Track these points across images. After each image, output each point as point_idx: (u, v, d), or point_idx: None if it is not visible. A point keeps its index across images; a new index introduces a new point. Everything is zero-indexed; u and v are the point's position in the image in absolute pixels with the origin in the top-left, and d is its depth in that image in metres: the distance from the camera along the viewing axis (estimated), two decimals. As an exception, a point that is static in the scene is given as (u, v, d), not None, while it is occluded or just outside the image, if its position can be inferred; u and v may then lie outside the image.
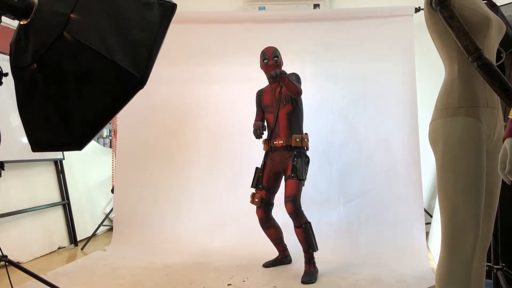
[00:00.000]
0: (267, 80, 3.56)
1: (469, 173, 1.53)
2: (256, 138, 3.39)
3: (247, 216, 3.83)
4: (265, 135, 3.53)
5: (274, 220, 3.57)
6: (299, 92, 3.34)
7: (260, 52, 3.47)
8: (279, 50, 3.46)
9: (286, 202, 3.32)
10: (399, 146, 4.04)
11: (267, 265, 3.57)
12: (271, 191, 3.53)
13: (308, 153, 3.47)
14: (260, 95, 3.63)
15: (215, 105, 4.34)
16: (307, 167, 3.44)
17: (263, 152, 3.58)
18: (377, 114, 4.13)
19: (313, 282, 3.20)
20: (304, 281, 3.21)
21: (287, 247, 3.67)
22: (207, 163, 4.34)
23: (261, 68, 3.52)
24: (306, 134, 3.50)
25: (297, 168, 3.35)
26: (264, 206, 3.48)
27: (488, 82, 1.46)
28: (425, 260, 3.62)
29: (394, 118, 4.09)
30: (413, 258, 3.62)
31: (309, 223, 3.33)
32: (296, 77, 3.45)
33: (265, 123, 3.58)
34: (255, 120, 3.63)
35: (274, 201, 3.55)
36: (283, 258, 3.64)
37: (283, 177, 3.51)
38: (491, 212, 1.71)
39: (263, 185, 3.51)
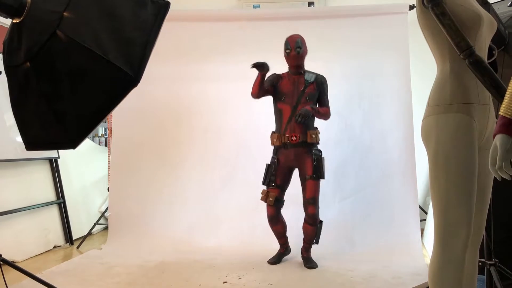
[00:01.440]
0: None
1: (461, 170, 1.54)
2: (257, 67, 3.30)
3: (243, 214, 3.84)
4: (272, 127, 3.53)
5: (282, 215, 3.56)
6: (328, 117, 3.52)
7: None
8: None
9: (308, 204, 3.40)
10: (394, 143, 4.06)
11: (273, 262, 3.55)
12: (284, 188, 3.51)
13: (321, 152, 3.51)
14: (277, 79, 3.51)
15: (209, 103, 4.34)
16: (324, 164, 3.49)
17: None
18: (372, 112, 4.15)
19: (316, 267, 3.41)
20: (310, 266, 3.41)
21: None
22: (202, 161, 4.34)
23: (284, 56, 3.51)
24: (317, 128, 3.51)
25: (318, 168, 3.39)
26: (276, 204, 3.47)
27: (480, 79, 1.47)
28: (420, 256, 3.64)
29: (389, 115, 4.11)
30: (408, 255, 3.64)
31: (322, 221, 3.46)
32: (327, 86, 3.54)
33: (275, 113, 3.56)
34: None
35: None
36: (285, 251, 3.66)
37: (299, 174, 3.49)
38: (483, 208, 1.72)
39: (277, 183, 3.47)
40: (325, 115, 3.51)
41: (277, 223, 3.52)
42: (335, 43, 4.23)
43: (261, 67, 3.31)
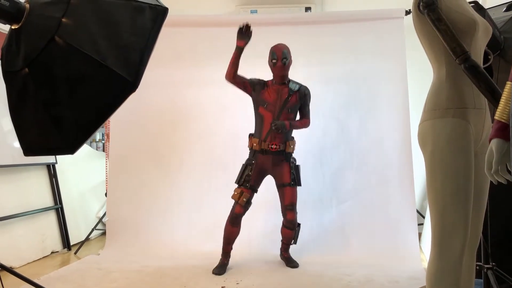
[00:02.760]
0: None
1: (458, 174, 1.55)
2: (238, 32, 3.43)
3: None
4: (251, 130, 3.61)
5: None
6: (307, 126, 3.59)
7: (265, 51, 3.51)
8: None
9: (287, 210, 3.48)
10: (391, 147, 4.07)
11: (219, 272, 3.44)
12: (256, 190, 3.57)
13: (299, 155, 3.57)
14: (262, 85, 3.55)
15: (207, 108, 4.34)
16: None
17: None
18: (369, 116, 4.16)
19: (297, 266, 3.57)
20: (293, 265, 3.57)
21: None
22: (200, 166, 4.34)
23: (268, 65, 3.53)
24: (293, 138, 3.60)
25: (296, 176, 3.52)
26: (245, 205, 3.51)
27: (475, 83, 1.48)
28: (418, 260, 3.65)
29: (386, 120, 4.12)
30: (406, 259, 3.65)
31: (300, 224, 3.58)
32: (309, 98, 3.60)
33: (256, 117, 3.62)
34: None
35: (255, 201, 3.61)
36: (227, 261, 3.59)
37: (275, 181, 3.58)
38: (479, 212, 1.73)
39: (251, 184, 3.52)
40: (304, 126, 3.61)
41: (237, 225, 3.52)
42: (332, 48, 4.25)
43: (241, 34, 3.41)
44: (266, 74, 3.57)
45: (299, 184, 3.54)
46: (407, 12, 4.07)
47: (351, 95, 4.21)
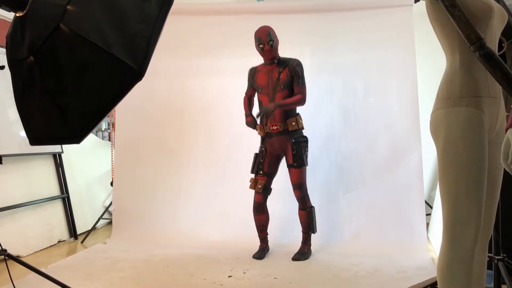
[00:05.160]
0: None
1: (471, 164, 1.52)
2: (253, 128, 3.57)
3: (247, 207, 3.82)
4: (241, 123, 3.63)
5: (267, 206, 3.62)
6: (302, 103, 3.47)
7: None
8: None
9: (294, 188, 3.49)
10: (400, 137, 4.03)
11: (260, 257, 3.55)
12: (272, 176, 3.58)
13: (306, 137, 3.51)
14: (253, 73, 3.62)
15: (213, 97, 4.32)
16: (307, 149, 3.53)
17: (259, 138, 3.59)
18: (377, 104, 4.12)
19: (302, 260, 3.46)
20: (294, 258, 3.47)
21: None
22: (206, 155, 4.33)
23: (257, 50, 3.53)
24: (299, 114, 3.54)
25: (298, 156, 3.44)
26: (264, 192, 3.54)
27: (491, 71, 1.44)
28: (425, 251, 3.63)
29: (394, 108, 4.08)
30: (413, 249, 3.63)
31: (314, 207, 3.54)
32: (300, 68, 3.47)
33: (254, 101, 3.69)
34: (246, 94, 3.69)
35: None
36: (267, 245, 3.68)
37: (285, 161, 3.56)
38: (492, 203, 1.70)
39: (265, 171, 3.54)
40: (298, 103, 3.46)
41: (262, 213, 3.59)
42: (340, 36, 4.19)
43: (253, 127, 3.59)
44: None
45: (303, 165, 3.47)
46: (416, 0, 4.01)
47: (359, 83, 4.16)
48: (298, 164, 3.46)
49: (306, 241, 3.59)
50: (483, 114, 1.56)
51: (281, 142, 3.50)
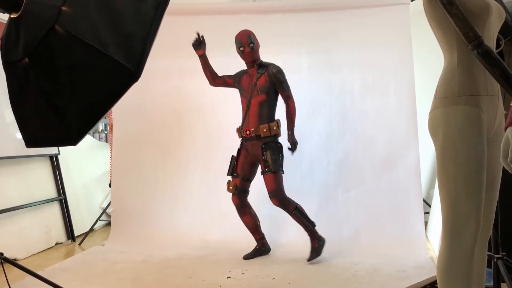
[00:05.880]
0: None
1: (470, 163, 1.51)
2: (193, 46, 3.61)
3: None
4: (239, 122, 3.61)
5: (251, 208, 3.61)
6: (293, 104, 3.47)
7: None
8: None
9: (270, 197, 3.43)
10: (398, 136, 4.03)
11: (247, 257, 3.56)
12: (246, 178, 3.57)
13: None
14: (241, 75, 3.63)
15: (210, 97, 4.30)
16: (280, 155, 3.46)
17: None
18: (374, 104, 4.12)
19: (315, 257, 3.40)
20: (310, 259, 3.41)
21: (264, 236, 3.71)
22: (204, 156, 4.32)
23: (238, 54, 3.54)
24: (276, 121, 3.49)
25: (268, 162, 3.40)
26: (238, 194, 3.53)
27: (489, 70, 1.43)
28: (424, 249, 3.63)
29: (392, 107, 4.08)
30: (412, 248, 3.63)
31: (297, 207, 3.43)
32: (281, 74, 3.46)
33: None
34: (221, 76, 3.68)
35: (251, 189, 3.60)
36: (262, 247, 3.66)
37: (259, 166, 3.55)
38: (491, 202, 1.70)
39: (238, 173, 3.55)
40: (294, 110, 3.47)
41: (244, 214, 3.57)
42: (337, 35, 4.19)
43: (197, 45, 3.56)
44: (272, 61, 3.53)
45: (274, 171, 3.38)
46: (413, -2, 4.02)
47: (356, 83, 4.16)
48: (269, 170, 3.38)
49: (313, 236, 3.47)
50: (481, 112, 1.55)
51: (254, 148, 3.50)
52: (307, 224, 3.46)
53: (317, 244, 3.45)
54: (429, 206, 4.39)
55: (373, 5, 4.14)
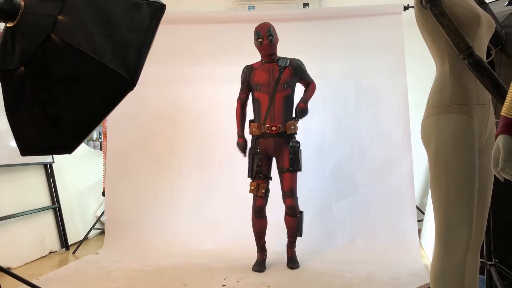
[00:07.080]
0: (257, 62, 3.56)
1: (462, 171, 1.53)
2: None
3: (240, 216, 3.82)
4: (250, 116, 3.57)
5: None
6: (315, 89, 3.59)
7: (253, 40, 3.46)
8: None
9: (286, 197, 3.42)
10: (391, 144, 4.05)
11: (260, 269, 3.45)
12: (270, 177, 3.51)
13: (299, 142, 3.49)
14: (250, 71, 3.52)
15: (205, 106, 4.32)
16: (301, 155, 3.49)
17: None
18: (368, 112, 4.14)
19: (298, 267, 3.47)
20: (291, 267, 3.46)
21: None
22: (198, 164, 4.31)
23: (255, 46, 3.49)
24: (295, 118, 3.51)
25: (295, 161, 3.39)
26: (265, 195, 3.46)
27: (479, 79, 1.46)
28: (418, 257, 3.64)
29: (385, 116, 4.10)
30: (406, 255, 3.64)
31: (302, 212, 3.48)
32: (304, 65, 3.54)
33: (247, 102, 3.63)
34: (239, 99, 3.61)
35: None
36: (265, 255, 3.59)
37: (276, 165, 3.49)
38: (483, 209, 1.71)
39: (264, 173, 3.45)
40: (313, 91, 3.59)
41: (263, 217, 3.48)
42: (331, 44, 4.22)
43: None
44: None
45: (299, 169, 3.42)
46: (406, 8, 4.06)
47: (350, 91, 4.19)
48: (294, 169, 3.39)
49: (292, 245, 3.52)
50: (473, 121, 1.57)
51: (277, 144, 3.42)
52: (299, 231, 3.47)
53: (294, 254, 3.56)
54: (423, 213, 4.41)
55: (366, 14, 4.18)
